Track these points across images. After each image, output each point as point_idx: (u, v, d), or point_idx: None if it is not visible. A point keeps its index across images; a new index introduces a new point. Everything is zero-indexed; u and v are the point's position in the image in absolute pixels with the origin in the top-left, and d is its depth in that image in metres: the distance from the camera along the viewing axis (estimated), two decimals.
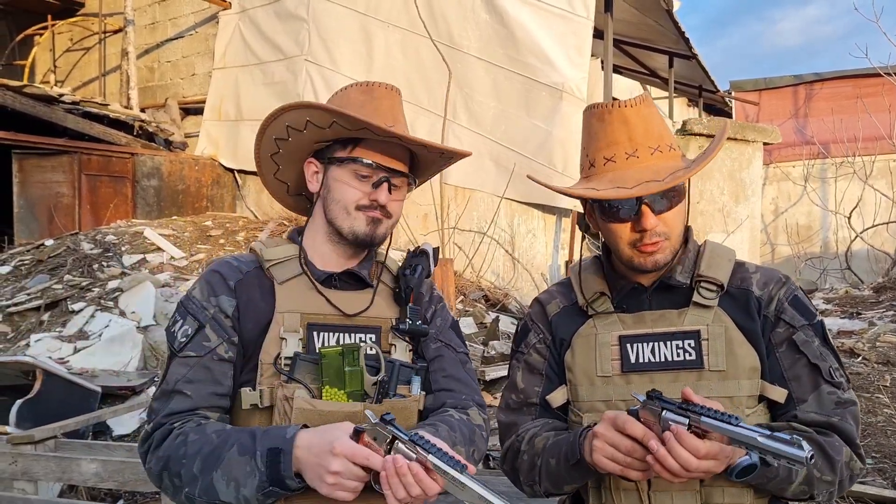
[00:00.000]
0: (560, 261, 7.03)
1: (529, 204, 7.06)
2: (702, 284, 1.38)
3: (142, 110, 9.80)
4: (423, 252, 1.50)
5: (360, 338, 1.38)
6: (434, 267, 1.53)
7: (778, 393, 1.32)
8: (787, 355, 1.35)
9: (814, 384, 1.32)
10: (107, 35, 10.97)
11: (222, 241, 7.55)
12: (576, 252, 6.89)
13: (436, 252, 1.54)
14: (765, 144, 8.06)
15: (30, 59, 10.85)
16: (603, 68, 7.90)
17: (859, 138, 11.57)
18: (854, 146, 11.58)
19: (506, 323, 6.09)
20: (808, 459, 0.98)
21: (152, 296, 5.75)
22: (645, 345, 1.37)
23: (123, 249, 6.97)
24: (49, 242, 7.27)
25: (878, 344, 5.16)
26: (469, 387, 1.48)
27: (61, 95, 8.29)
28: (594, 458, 1.21)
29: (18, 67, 11.10)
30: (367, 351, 1.35)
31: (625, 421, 1.17)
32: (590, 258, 1.53)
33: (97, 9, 11.00)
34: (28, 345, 5.33)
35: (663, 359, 1.35)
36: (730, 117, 13.79)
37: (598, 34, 7.47)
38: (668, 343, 1.35)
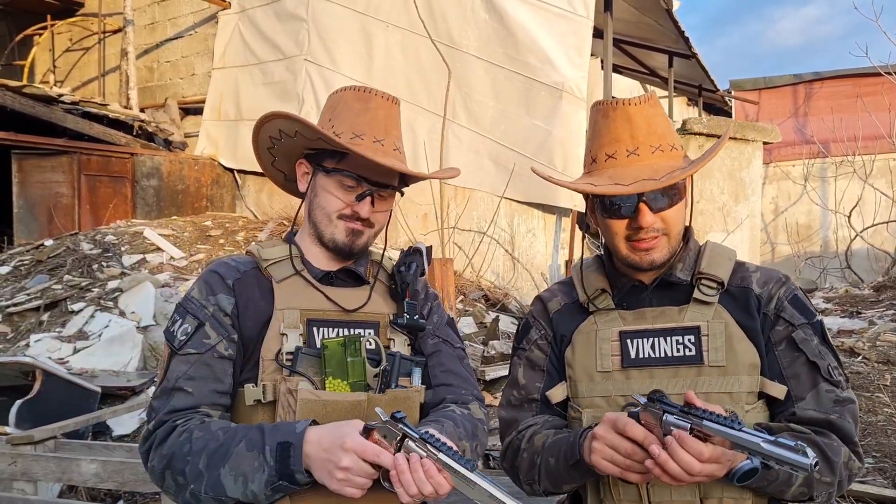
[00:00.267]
0: (560, 260, 7.03)
1: (529, 203, 7.06)
2: (702, 282, 1.39)
3: (141, 110, 9.79)
4: (417, 250, 1.53)
5: (360, 332, 1.39)
6: (428, 265, 1.55)
7: (777, 389, 1.33)
8: (787, 353, 1.35)
9: (812, 382, 1.33)
10: (106, 35, 10.97)
11: (222, 241, 7.54)
12: (576, 252, 6.88)
13: (429, 251, 1.57)
14: (764, 144, 8.05)
15: (29, 59, 10.85)
16: (603, 68, 7.90)
17: (859, 137, 11.57)
18: (854, 145, 11.58)
19: (506, 323, 6.09)
20: (813, 467, 0.97)
21: (152, 296, 5.75)
22: (645, 340, 1.37)
23: (123, 249, 6.96)
24: (49, 243, 7.27)
25: (879, 343, 5.16)
26: (468, 381, 1.50)
27: (61, 95, 8.29)
28: (593, 460, 1.21)
29: (18, 67, 11.11)
30: (368, 345, 1.36)
31: (625, 423, 1.17)
32: (592, 257, 1.55)
33: (97, 9, 11.00)
34: (28, 345, 5.33)
35: (663, 354, 1.36)
36: (729, 116, 13.78)
37: (598, 34, 7.46)
38: (669, 339, 1.36)
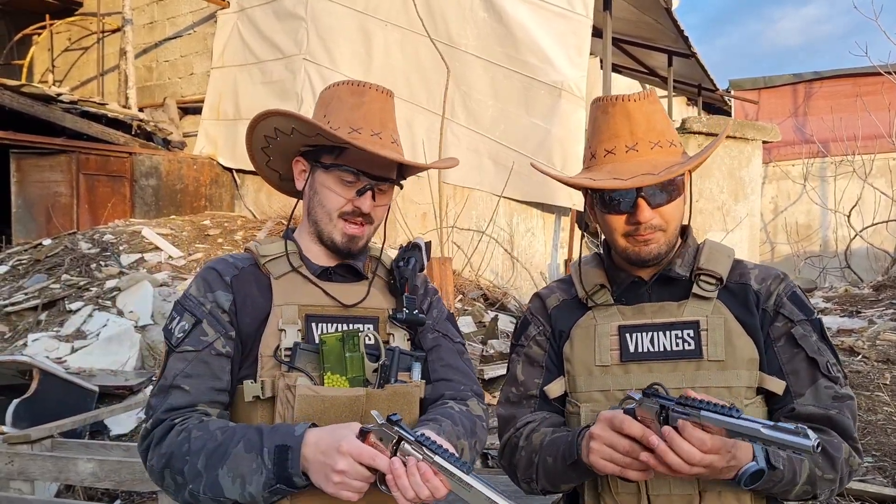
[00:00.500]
0: (559, 259, 7.02)
1: (528, 203, 7.05)
2: (701, 277, 1.40)
3: (140, 110, 9.78)
4: (416, 246, 1.52)
5: (359, 327, 1.38)
6: (427, 261, 1.55)
7: (776, 384, 1.33)
8: (786, 349, 1.36)
9: (811, 378, 1.33)
10: (105, 34, 10.96)
11: (220, 241, 7.53)
12: (575, 250, 6.87)
13: (428, 246, 1.56)
14: (764, 143, 8.04)
15: (28, 59, 10.84)
16: (602, 67, 7.89)
17: (859, 137, 11.57)
18: (853, 145, 11.58)
19: (504, 322, 6.08)
20: (816, 448, 0.95)
21: (150, 295, 5.73)
22: (644, 335, 1.38)
23: (121, 249, 6.95)
24: (47, 242, 7.26)
25: (878, 342, 5.15)
26: (467, 376, 1.49)
27: (59, 95, 8.27)
28: (591, 460, 1.20)
29: (16, 67, 11.10)
30: (367, 340, 1.35)
31: (622, 420, 1.16)
32: (590, 254, 1.56)
33: (95, 8, 10.99)
34: (25, 344, 5.32)
35: (662, 349, 1.36)
36: (729, 116, 13.78)
37: (597, 33, 7.45)
38: (668, 333, 1.36)
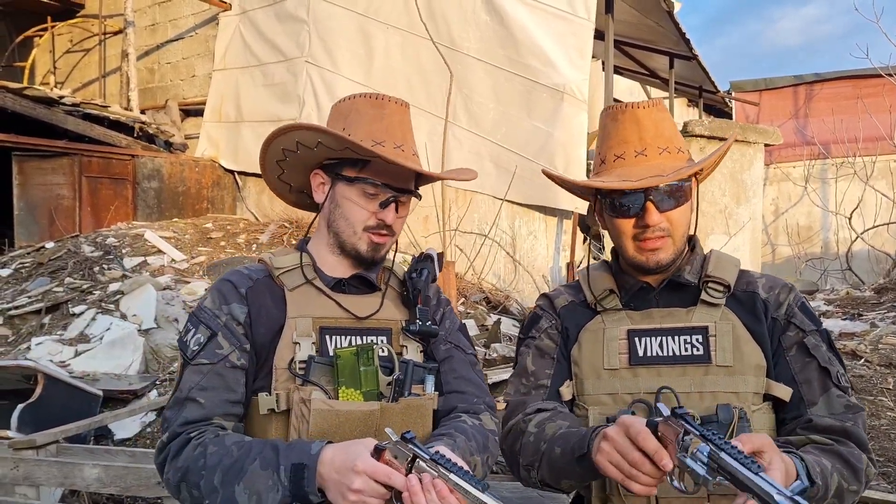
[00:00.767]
0: (561, 262, 7.02)
1: (530, 206, 7.05)
2: (709, 284, 1.42)
3: (142, 112, 9.78)
4: (429, 256, 1.54)
5: (372, 340, 1.40)
6: (439, 271, 1.56)
7: (783, 391, 1.35)
8: (798, 358, 1.38)
9: (823, 387, 1.35)
10: (107, 36, 10.97)
11: (223, 244, 7.54)
12: (577, 254, 6.88)
13: (440, 257, 1.57)
14: (766, 146, 8.05)
15: (30, 61, 10.83)
16: (604, 69, 7.89)
17: (860, 139, 11.56)
18: (854, 147, 11.58)
19: (507, 325, 6.08)
20: None
21: (153, 299, 5.74)
22: (653, 339, 1.39)
23: (124, 252, 6.96)
24: (50, 245, 7.26)
25: (881, 346, 5.15)
26: (480, 388, 1.50)
27: (62, 97, 8.28)
28: (598, 460, 1.20)
29: (18, 69, 11.09)
30: (380, 352, 1.36)
31: (638, 432, 1.15)
32: (598, 261, 1.57)
33: (97, 10, 11.00)
34: (29, 348, 5.32)
35: (671, 353, 1.38)
36: (730, 118, 13.78)
37: (599, 35, 7.46)
38: (677, 338, 1.38)
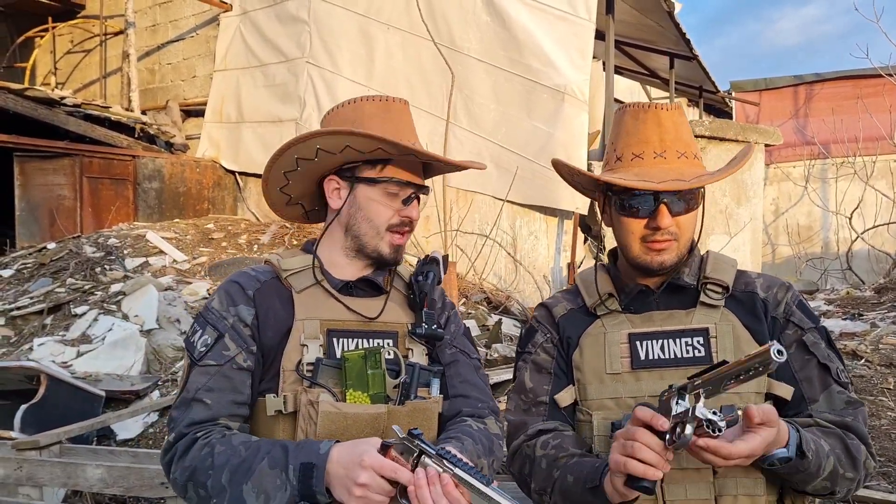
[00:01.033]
0: (562, 263, 7.03)
1: (531, 206, 7.06)
2: (708, 286, 1.43)
3: (143, 112, 9.80)
4: (434, 259, 1.54)
5: (379, 342, 1.41)
6: (444, 274, 1.56)
7: (784, 390, 1.36)
8: (798, 356, 1.39)
9: (824, 384, 1.36)
10: (108, 37, 10.98)
11: (224, 244, 7.55)
12: (578, 254, 6.89)
13: (445, 259, 1.58)
14: (766, 146, 8.05)
15: (31, 62, 10.85)
16: (604, 69, 7.90)
17: (860, 138, 11.57)
18: (854, 146, 11.58)
19: (508, 325, 6.09)
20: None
21: (155, 299, 5.75)
22: (654, 342, 1.40)
23: (125, 252, 6.97)
24: (51, 245, 7.28)
25: (881, 346, 5.16)
26: (484, 392, 1.52)
27: (63, 98, 8.30)
28: (610, 459, 1.20)
29: (19, 69, 11.10)
30: (387, 355, 1.37)
31: (643, 412, 1.17)
32: (595, 265, 1.57)
33: (98, 11, 11.01)
34: (31, 348, 5.33)
35: (673, 356, 1.38)
36: (730, 118, 13.80)
37: (599, 35, 7.47)
38: (678, 340, 1.39)
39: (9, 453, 3.22)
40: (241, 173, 9.39)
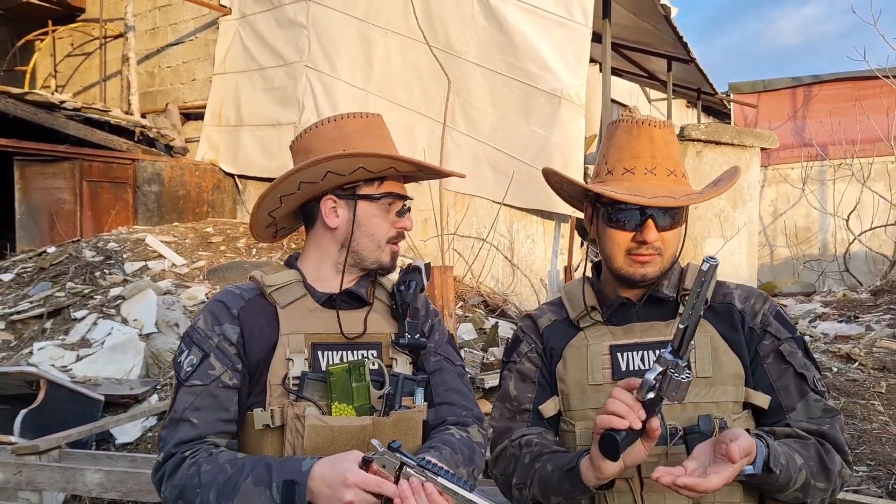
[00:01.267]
0: (559, 266, 7.07)
1: (528, 210, 7.10)
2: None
3: (142, 115, 9.83)
4: (416, 268, 1.57)
5: (363, 354, 1.44)
6: (427, 281, 1.60)
7: (761, 399, 1.40)
8: (775, 366, 1.42)
9: (800, 393, 1.40)
10: (107, 40, 11.02)
11: (223, 248, 7.58)
12: (575, 258, 6.92)
13: (427, 267, 1.61)
14: (762, 149, 8.08)
15: (31, 65, 10.89)
16: (601, 71, 7.94)
17: (857, 140, 11.60)
18: (852, 148, 11.61)
19: (505, 328, 6.13)
20: None
21: (154, 303, 5.78)
22: (635, 353, 1.44)
23: (125, 257, 7.00)
24: (51, 249, 7.31)
25: (875, 349, 5.18)
26: (469, 399, 1.55)
27: (63, 102, 8.33)
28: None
29: (19, 73, 11.14)
30: (371, 366, 1.41)
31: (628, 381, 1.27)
32: (579, 278, 1.61)
33: (98, 14, 11.04)
34: (31, 352, 5.36)
35: (652, 366, 1.41)
36: (728, 119, 13.83)
37: (597, 38, 7.50)
38: (657, 351, 1.42)
39: (8, 458, 3.25)
40: (241, 176, 9.43)
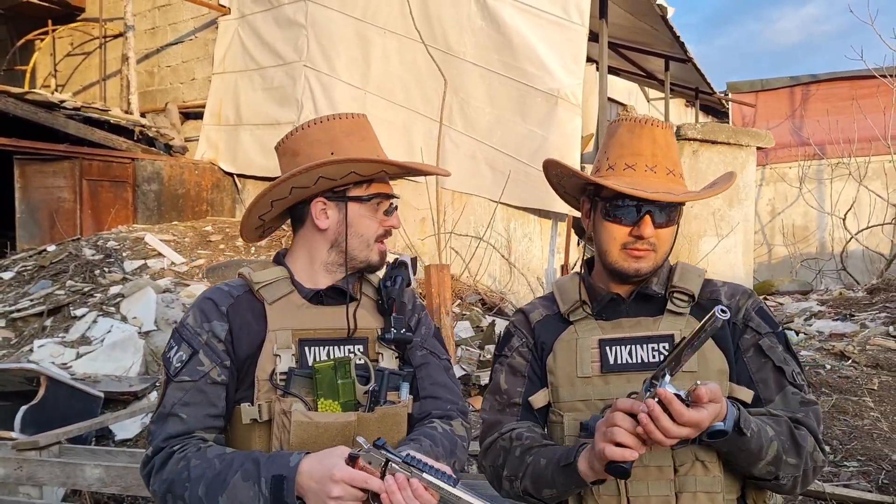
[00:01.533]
0: (556, 265, 7.11)
1: (525, 208, 7.14)
2: (675, 295, 1.50)
3: (142, 114, 9.86)
4: (403, 263, 1.59)
5: (349, 349, 1.46)
6: (414, 275, 1.63)
7: (745, 394, 1.43)
8: (755, 360, 1.46)
9: (779, 385, 1.44)
10: (107, 40, 11.05)
11: (222, 247, 7.62)
12: (571, 256, 6.96)
13: (414, 262, 1.64)
14: (758, 148, 8.13)
15: (31, 64, 10.92)
16: (598, 70, 7.97)
17: (854, 139, 11.63)
18: (849, 147, 11.65)
19: (502, 326, 6.17)
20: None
21: (153, 301, 5.83)
22: (623, 347, 1.47)
23: (125, 255, 7.04)
24: (51, 248, 7.35)
25: (869, 347, 5.22)
26: (454, 393, 1.58)
27: (62, 101, 8.36)
28: (598, 445, 1.26)
29: (19, 72, 11.18)
30: (357, 361, 1.43)
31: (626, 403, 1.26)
32: (570, 274, 1.65)
33: (97, 14, 11.07)
34: (31, 350, 5.41)
35: (640, 360, 1.46)
36: (726, 117, 13.87)
37: (595, 38, 7.54)
38: (645, 346, 1.46)
39: (9, 453, 3.30)
40: (240, 175, 9.46)
